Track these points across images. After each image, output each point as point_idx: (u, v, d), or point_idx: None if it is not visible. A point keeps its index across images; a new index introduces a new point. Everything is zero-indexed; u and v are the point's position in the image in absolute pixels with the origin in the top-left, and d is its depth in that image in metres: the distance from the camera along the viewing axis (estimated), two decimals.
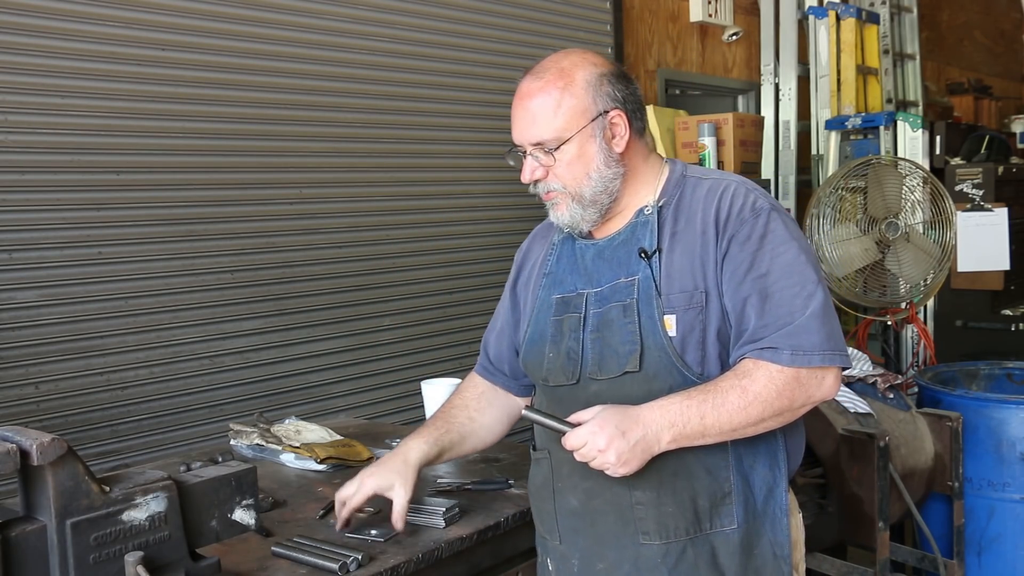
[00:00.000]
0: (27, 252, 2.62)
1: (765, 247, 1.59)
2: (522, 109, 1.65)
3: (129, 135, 2.81)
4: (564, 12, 4.20)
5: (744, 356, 1.57)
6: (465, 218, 3.79)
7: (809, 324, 1.54)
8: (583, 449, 1.53)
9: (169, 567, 1.40)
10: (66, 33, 2.68)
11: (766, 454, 1.66)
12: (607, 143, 1.64)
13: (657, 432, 1.52)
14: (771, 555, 1.67)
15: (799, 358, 1.53)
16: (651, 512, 1.62)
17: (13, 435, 1.27)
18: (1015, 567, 3.25)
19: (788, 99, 5.06)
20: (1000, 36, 8.37)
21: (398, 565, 1.65)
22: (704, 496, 1.62)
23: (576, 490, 1.70)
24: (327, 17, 3.31)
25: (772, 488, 1.67)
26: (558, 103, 1.61)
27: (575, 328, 1.69)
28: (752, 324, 1.56)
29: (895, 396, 3.15)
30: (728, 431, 1.55)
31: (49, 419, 2.64)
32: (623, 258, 1.68)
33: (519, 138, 1.67)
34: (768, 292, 1.56)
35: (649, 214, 1.68)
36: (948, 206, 3.83)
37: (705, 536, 1.63)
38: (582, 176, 1.64)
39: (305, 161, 3.26)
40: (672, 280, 1.62)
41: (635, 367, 1.61)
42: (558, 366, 1.71)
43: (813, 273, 1.59)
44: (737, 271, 1.59)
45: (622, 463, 1.52)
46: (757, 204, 1.63)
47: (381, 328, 3.50)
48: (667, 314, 1.60)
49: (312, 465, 2.23)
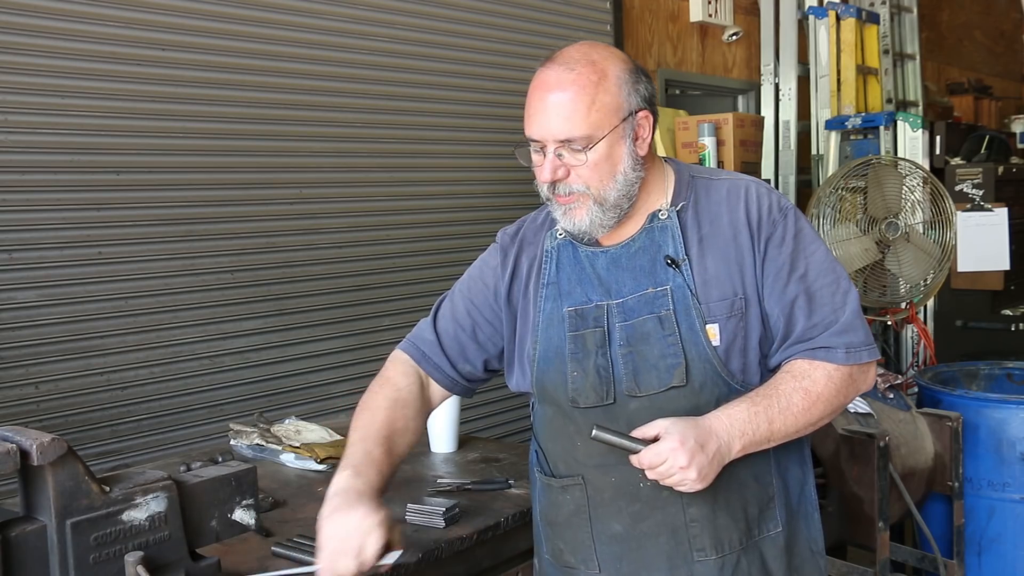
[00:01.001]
0: (27, 252, 2.62)
1: (800, 247, 1.58)
2: (549, 103, 1.51)
3: (129, 135, 2.81)
4: (564, 12, 4.20)
5: (794, 357, 1.55)
6: (465, 218, 3.79)
7: (853, 321, 1.55)
8: (662, 467, 1.43)
9: (169, 567, 1.40)
10: (66, 33, 2.68)
11: (796, 452, 1.66)
12: (634, 144, 1.56)
13: (729, 442, 1.47)
14: (808, 552, 1.67)
15: (852, 355, 1.54)
16: (707, 528, 1.57)
17: (13, 435, 1.27)
18: (1015, 567, 3.25)
19: (788, 99, 5.06)
20: (1000, 36, 8.37)
21: (398, 565, 1.65)
22: (754, 504, 1.60)
23: (621, 515, 1.60)
24: (327, 17, 3.31)
25: (803, 485, 1.67)
26: (592, 99, 1.50)
27: (600, 344, 1.58)
28: (801, 325, 1.55)
29: (895, 396, 3.15)
30: (792, 433, 1.53)
31: (49, 419, 2.64)
32: (646, 266, 1.59)
33: (541, 133, 1.53)
34: (811, 292, 1.56)
35: (665, 219, 1.60)
36: (948, 206, 3.83)
37: (754, 543, 1.60)
38: (608, 178, 1.54)
39: (305, 161, 3.26)
40: (709, 288, 1.56)
41: (681, 381, 1.54)
42: (587, 386, 1.59)
43: (842, 269, 1.60)
44: (780, 273, 1.56)
45: (701, 478, 1.43)
46: (782, 204, 1.61)
47: (381, 328, 3.50)
48: (709, 323, 1.55)
49: (312, 465, 2.23)
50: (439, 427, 2.42)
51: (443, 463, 2.33)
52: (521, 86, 1.65)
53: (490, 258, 1.76)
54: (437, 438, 2.43)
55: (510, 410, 3.83)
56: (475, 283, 1.76)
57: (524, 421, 3.87)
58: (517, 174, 1.76)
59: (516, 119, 1.60)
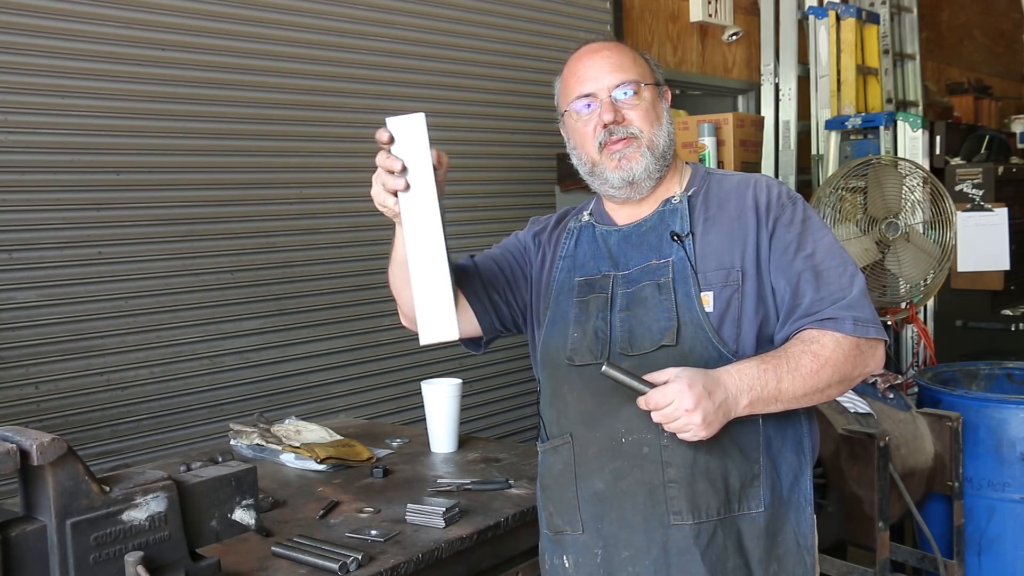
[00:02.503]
0: (27, 252, 2.62)
1: (808, 230, 1.66)
2: (599, 58, 1.71)
3: (129, 135, 2.81)
4: (564, 12, 4.20)
5: (803, 328, 1.60)
6: (465, 218, 3.79)
7: (860, 300, 1.60)
8: (668, 408, 1.49)
9: (169, 567, 1.40)
10: (66, 33, 2.68)
11: (793, 438, 1.67)
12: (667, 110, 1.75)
13: (736, 395, 1.52)
14: (795, 544, 1.66)
15: (860, 327, 1.58)
16: (684, 490, 1.60)
17: (13, 435, 1.27)
18: (1015, 567, 3.24)
19: (788, 99, 5.06)
20: (1000, 36, 8.37)
21: (398, 565, 1.65)
22: (735, 475, 1.61)
23: (603, 471, 1.65)
24: (327, 17, 3.31)
25: (798, 475, 1.68)
26: (634, 57, 1.73)
27: (602, 308, 1.69)
28: (808, 298, 1.60)
29: (895, 396, 3.15)
30: (800, 396, 1.57)
31: (49, 419, 2.64)
32: (653, 242, 1.70)
33: (595, 86, 1.69)
34: (819, 270, 1.62)
35: (678, 203, 1.71)
36: (948, 206, 3.83)
37: (733, 518, 1.62)
38: (656, 124, 1.70)
39: (305, 161, 3.26)
40: (708, 259, 1.65)
41: (672, 341, 1.61)
42: (584, 345, 1.69)
43: (849, 256, 1.67)
44: (788, 249, 1.64)
45: (706, 424, 1.49)
46: (791, 193, 1.71)
47: (381, 328, 3.50)
48: (704, 291, 1.63)
49: (312, 465, 2.23)
50: (439, 427, 2.42)
51: (443, 463, 2.33)
52: (522, 86, 1.68)
53: (522, 234, 1.91)
54: (437, 438, 2.43)
55: (510, 410, 3.83)
56: (510, 243, 1.90)
57: (524, 421, 3.88)
58: (518, 174, 1.76)
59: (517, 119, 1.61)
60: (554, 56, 4.07)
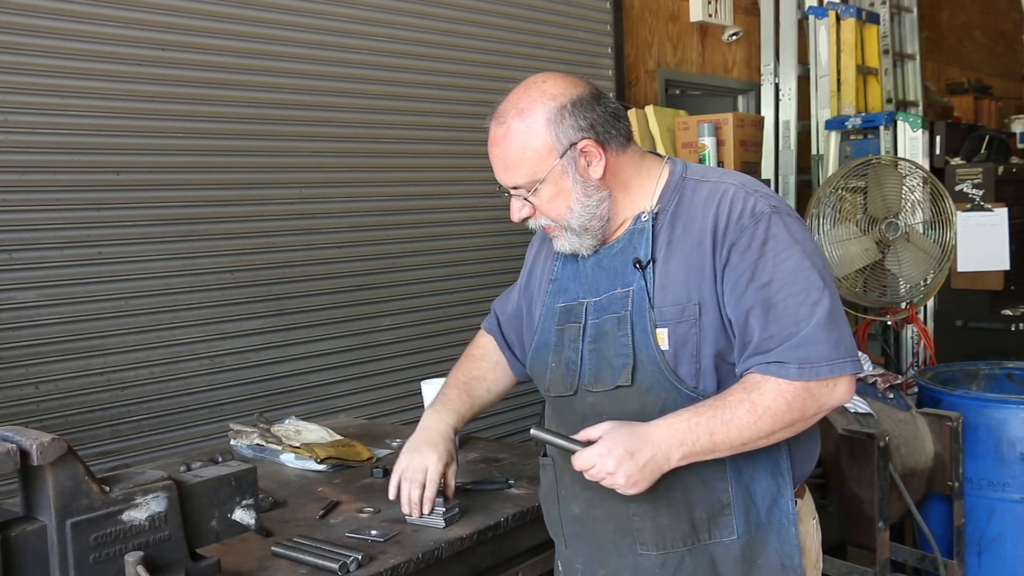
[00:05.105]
0: (27, 252, 2.62)
1: (767, 254, 1.54)
2: (493, 156, 1.64)
3: (129, 135, 2.81)
4: (564, 12, 4.20)
5: (751, 369, 1.54)
6: (465, 218, 3.79)
7: (815, 335, 1.50)
8: (592, 471, 1.53)
9: (169, 567, 1.40)
10: (66, 33, 2.68)
11: (767, 464, 1.64)
12: (582, 173, 1.61)
13: (667, 451, 1.51)
14: (778, 565, 1.64)
15: (806, 371, 1.49)
16: (647, 523, 1.63)
17: (13, 435, 1.27)
18: (1015, 567, 3.25)
19: (788, 99, 5.06)
20: (1000, 36, 8.37)
21: (398, 565, 1.65)
22: (701, 508, 1.61)
23: (578, 499, 1.71)
24: (327, 17, 3.31)
25: (776, 498, 1.64)
26: (523, 148, 1.59)
27: (575, 338, 1.69)
28: (756, 336, 1.53)
29: (895, 396, 3.15)
30: (739, 446, 1.52)
31: (49, 419, 2.64)
32: (619, 267, 1.66)
33: (499, 181, 1.67)
34: (771, 303, 1.52)
35: (645, 221, 1.64)
36: (948, 206, 3.83)
37: (704, 547, 1.62)
38: (565, 210, 1.63)
39: (305, 161, 3.26)
40: (666, 292, 1.59)
41: (627, 381, 1.60)
42: (558, 376, 1.72)
43: (818, 278, 1.54)
44: (739, 282, 1.55)
45: (631, 484, 1.51)
46: (757, 208, 1.57)
47: (381, 328, 3.50)
48: (659, 327, 1.58)
49: (312, 465, 2.23)
50: None
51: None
52: None
53: (528, 250, 1.95)
54: None
55: (510, 410, 3.83)
56: (523, 273, 1.94)
57: (524, 421, 3.87)
58: None
59: None
60: (554, 56, 4.07)
